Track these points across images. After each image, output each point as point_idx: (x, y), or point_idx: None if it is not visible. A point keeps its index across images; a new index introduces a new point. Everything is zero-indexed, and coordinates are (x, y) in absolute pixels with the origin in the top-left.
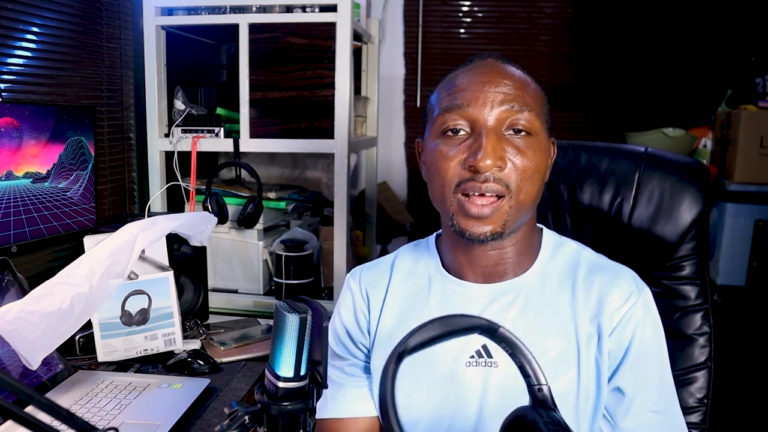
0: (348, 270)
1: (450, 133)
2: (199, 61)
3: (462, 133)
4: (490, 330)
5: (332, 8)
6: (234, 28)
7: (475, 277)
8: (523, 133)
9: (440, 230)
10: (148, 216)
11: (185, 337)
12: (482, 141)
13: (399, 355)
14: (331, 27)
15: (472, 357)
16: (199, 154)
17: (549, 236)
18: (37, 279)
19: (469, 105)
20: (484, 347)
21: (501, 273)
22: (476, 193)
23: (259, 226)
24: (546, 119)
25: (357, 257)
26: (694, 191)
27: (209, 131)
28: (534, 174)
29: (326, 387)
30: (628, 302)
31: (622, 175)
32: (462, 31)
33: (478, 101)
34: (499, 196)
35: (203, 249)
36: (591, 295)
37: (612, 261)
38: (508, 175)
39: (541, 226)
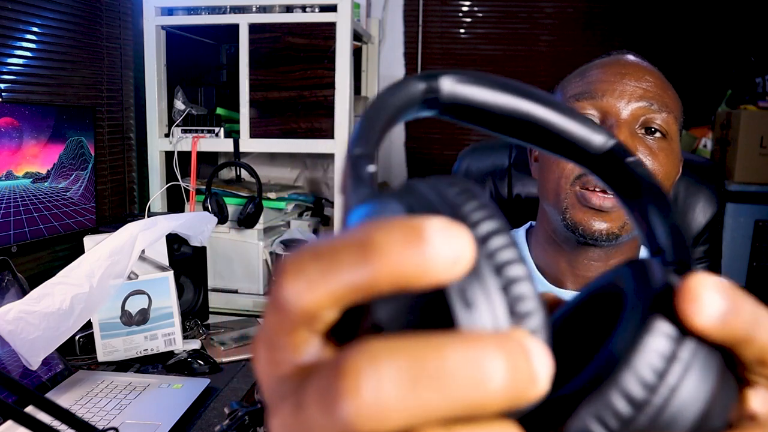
0: None
1: None
2: (199, 61)
3: None
4: None
5: (332, 8)
6: (234, 28)
7: (576, 287)
8: (657, 135)
9: (528, 224)
10: (148, 216)
11: (185, 337)
12: (613, 133)
13: None
14: (331, 27)
15: None
16: (199, 154)
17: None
18: (37, 279)
19: (603, 95)
20: None
21: None
22: (597, 189)
23: (259, 226)
24: (680, 129)
25: None
26: (709, 193)
27: (209, 131)
28: (663, 181)
29: None
30: None
31: None
32: (462, 31)
33: (615, 93)
34: None
35: (203, 249)
36: None
37: None
38: None
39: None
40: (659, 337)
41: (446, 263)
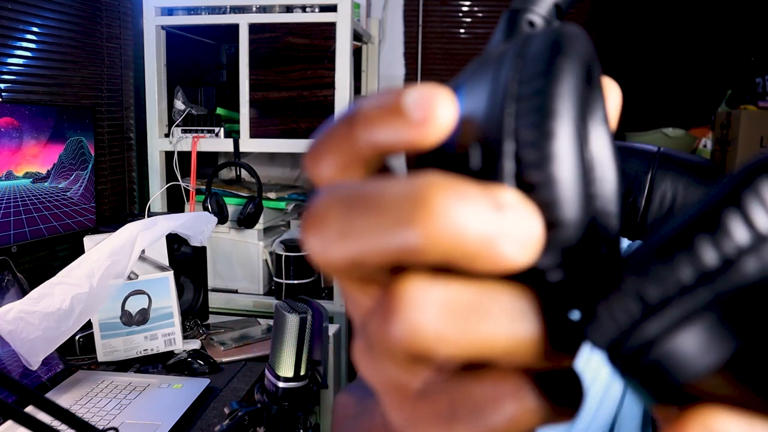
0: None
1: None
2: (199, 61)
3: None
4: None
5: (332, 8)
6: (234, 28)
7: None
8: None
9: None
10: (148, 216)
11: (185, 337)
12: None
13: None
14: (331, 27)
15: None
16: (199, 154)
17: None
18: (37, 279)
19: None
20: None
21: None
22: None
23: (259, 226)
24: None
25: None
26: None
27: (209, 131)
28: None
29: (326, 387)
30: None
31: (633, 175)
32: (462, 31)
33: None
34: None
35: (203, 249)
36: None
37: None
38: None
39: None
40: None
41: (426, 126)
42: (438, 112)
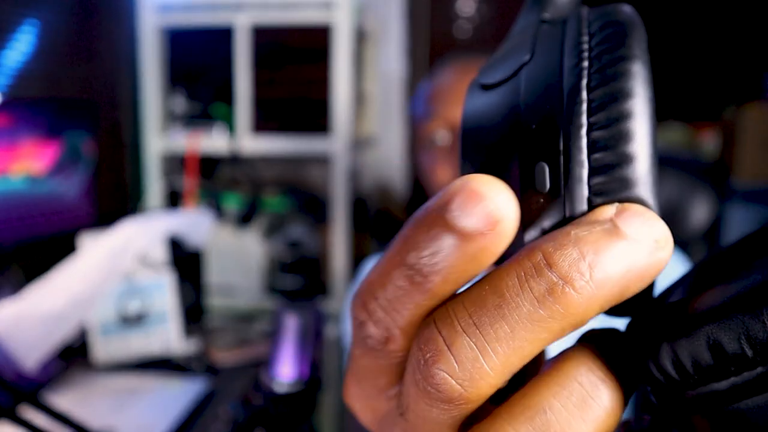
0: (348, 269)
1: None
2: (198, 61)
3: None
4: None
5: (332, 8)
6: (233, 27)
7: None
8: None
9: None
10: (146, 216)
11: (183, 338)
12: None
13: None
14: (330, 26)
15: None
16: (198, 153)
17: None
18: (33, 279)
19: (447, 105)
20: None
21: None
22: None
23: (259, 226)
24: None
25: (362, 257)
26: (709, 191)
27: (208, 130)
28: None
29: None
30: None
31: None
32: (462, 31)
33: (459, 97)
34: None
35: (202, 249)
36: None
37: None
38: None
39: None
40: None
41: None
42: (499, 212)
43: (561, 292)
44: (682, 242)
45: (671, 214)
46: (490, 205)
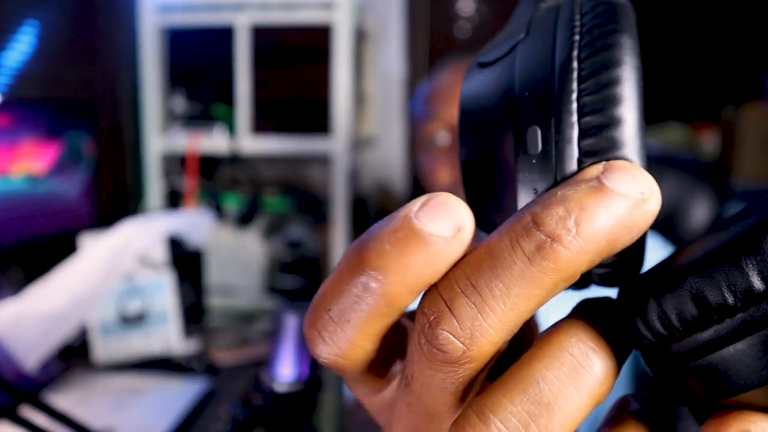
0: None
1: None
2: (199, 61)
3: None
4: None
5: (332, 8)
6: (233, 27)
7: None
8: None
9: None
10: (146, 216)
11: (184, 338)
12: None
13: None
14: (330, 27)
15: None
16: (198, 153)
17: None
18: (33, 279)
19: (446, 106)
20: None
21: None
22: None
23: (259, 226)
24: None
25: None
26: (709, 191)
27: (208, 130)
28: None
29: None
30: None
31: None
32: (462, 31)
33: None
34: None
35: (202, 249)
36: None
37: None
38: None
39: None
40: None
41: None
42: (458, 217)
43: (550, 249)
44: (682, 242)
45: (671, 214)
46: (456, 214)
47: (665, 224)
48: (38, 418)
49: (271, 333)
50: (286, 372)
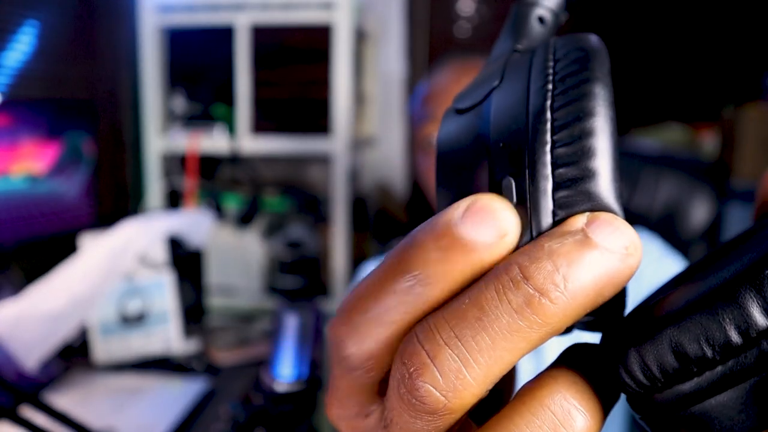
0: (348, 269)
1: None
2: (199, 61)
3: None
4: None
5: (332, 8)
6: (233, 27)
7: None
8: None
9: None
10: (146, 216)
11: (184, 338)
12: None
13: None
14: (330, 27)
15: None
16: (198, 153)
17: None
18: (34, 279)
19: (443, 105)
20: None
21: None
22: None
23: (259, 226)
24: None
25: (362, 257)
26: (708, 191)
27: (208, 130)
28: None
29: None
30: None
31: (635, 173)
32: (462, 31)
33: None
34: None
35: (202, 249)
36: None
37: None
38: None
39: None
40: None
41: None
42: (502, 223)
43: (538, 304)
44: (682, 242)
45: (671, 214)
46: (499, 219)
47: (665, 224)
48: (38, 418)
49: (271, 333)
50: (286, 372)
